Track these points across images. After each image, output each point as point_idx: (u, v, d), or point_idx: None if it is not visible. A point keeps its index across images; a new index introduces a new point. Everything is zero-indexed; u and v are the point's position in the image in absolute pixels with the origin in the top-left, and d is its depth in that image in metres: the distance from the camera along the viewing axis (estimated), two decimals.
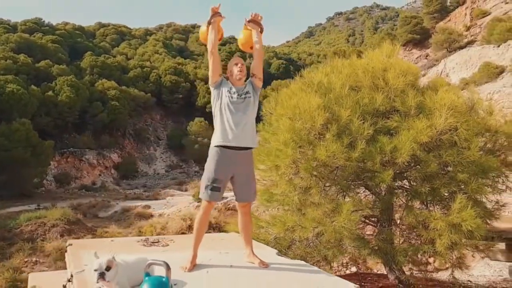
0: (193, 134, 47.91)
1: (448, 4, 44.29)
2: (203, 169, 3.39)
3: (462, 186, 4.28)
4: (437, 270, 5.12)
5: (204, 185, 3.29)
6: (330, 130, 4.25)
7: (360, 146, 4.17)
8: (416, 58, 40.12)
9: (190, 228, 20.43)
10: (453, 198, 4.19)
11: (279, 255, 3.80)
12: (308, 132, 4.38)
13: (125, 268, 2.65)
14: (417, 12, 59.33)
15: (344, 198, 4.64)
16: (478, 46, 33.81)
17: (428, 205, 4.57)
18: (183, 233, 18.78)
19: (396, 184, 4.66)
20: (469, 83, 26.38)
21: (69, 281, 3.35)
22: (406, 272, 4.97)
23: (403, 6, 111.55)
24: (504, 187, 4.72)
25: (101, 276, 2.50)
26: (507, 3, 37.56)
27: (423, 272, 5.15)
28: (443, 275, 6.21)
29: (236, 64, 3.44)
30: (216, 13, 3.42)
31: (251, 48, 3.58)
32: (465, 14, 39.93)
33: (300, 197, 4.51)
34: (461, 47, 35.46)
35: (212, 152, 3.32)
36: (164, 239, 4.36)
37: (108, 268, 2.51)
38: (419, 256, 4.66)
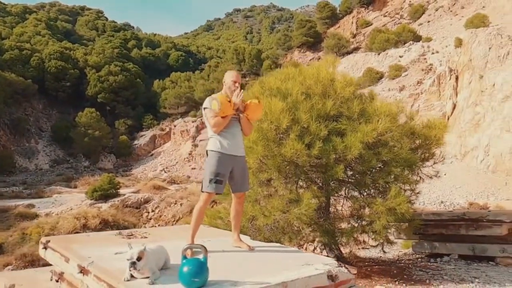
0: (83, 125, 44.43)
1: (338, 11, 48.34)
2: (94, 164, 3.76)
3: (395, 178, 5.24)
4: (372, 247, 6.09)
5: (208, 179, 3.72)
6: (293, 131, 4.86)
7: (318, 145, 4.85)
8: (310, 60, 43.17)
9: (85, 227, 19.34)
10: (388, 188, 5.12)
11: (252, 239, 4.24)
12: (275, 133, 4.90)
13: (152, 255, 2.91)
14: (309, 15, 63.59)
15: (302, 189, 5.29)
16: (363, 53, 37.80)
17: (370, 194, 5.47)
18: (76, 233, 17.74)
19: (345, 176, 5.45)
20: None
21: (60, 275, 3.34)
22: (343, 251, 5.83)
23: (297, 9, 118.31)
24: (418, 178, 5.85)
25: (133, 265, 2.76)
26: (385, 16, 42.61)
27: (358, 250, 6.08)
28: (364, 253, 7.29)
29: (234, 83, 3.88)
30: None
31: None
32: (352, 23, 44.16)
33: (263, 189, 5.01)
34: (349, 52, 39.30)
35: (213, 154, 3.78)
36: (136, 232, 4.46)
37: (139, 258, 2.71)
38: (358, 235, 5.55)
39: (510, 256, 6.62)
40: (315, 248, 6.30)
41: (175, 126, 47.68)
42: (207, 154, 3.88)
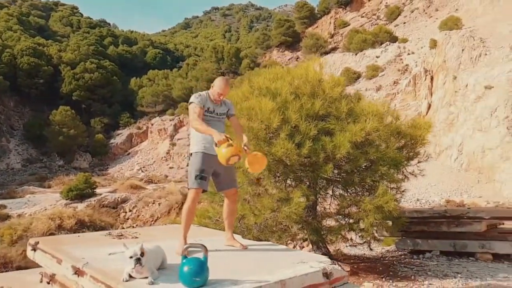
0: (57, 124, 43.30)
1: (316, 11, 48.75)
2: (69, 163, 3.71)
3: (381, 176, 5.35)
4: (358, 244, 6.19)
5: (193, 176, 3.70)
6: (283, 131, 4.89)
7: (308, 144, 4.90)
8: (288, 59, 43.44)
9: (60, 228, 18.91)
10: (376, 186, 5.22)
11: (244, 238, 4.25)
12: (265, 132, 4.92)
13: (150, 254, 2.90)
14: (287, 15, 63.91)
15: (291, 188, 5.33)
16: (340, 53, 38.29)
17: (357, 192, 5.57)
18: (51, 234, 17.30)
19: (333, 175, 5.51)
20: None
21: (51, 276, 3.26)
22: (330, 249, 5.90)
23: (275, 8, 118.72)
24: (403, 176, 5.98)
25: (138, 261, 2.73)
26: (362, 17, 43.28)
27: (343, 248, 6.18)
28: (347, 251, 7.41)
29: (219, 95, 3.78)
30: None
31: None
32: (330, 23, 44.62)
33: (253, 188, 5.02)
34: (327, 52, 39.71)
35: (196, 155, 3.77)
36: (126, 232, 4.39)
37: (142, 254, 2.68)
38: (346, 233, 5.64)
39: (489, 252, 6.86)
40: (303, 246, 6.35)
41: (152, 124, 47.11)
42: (190, 155, 3.84)
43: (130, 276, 2.77)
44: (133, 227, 21.93)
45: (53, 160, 45.28)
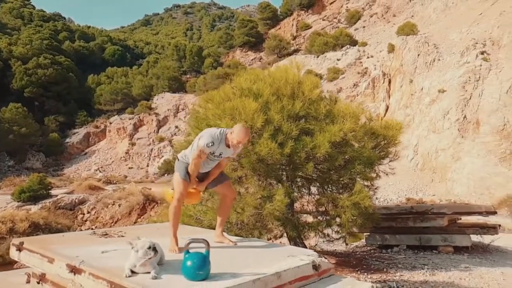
0: (7, 122, 40.99)
1: (279, 13, 49.33)
2: (20, 163, 3.68)
3: (357, 174, 5.60)
4: (335, 239, 6.41)
5: (184, 170, 3.75)
6: (267, 131, 5.02)
7: (290, 144, 5.06)
8: (251, 60, 43.69)
9: (12, 231, 18.07)
10: (351, 184, 5.47)
11: (229, 235, 4.32)
12: (250, 132, 5.00)
13: None
14: (250, 15, 64.22)
15: (271, 186, 5.47)
16: (303, 55, 38.99)
17: (333, 190, 5.79)
18: (2, 238, 16.50)
19: (310, 174, 5.70)
20: None
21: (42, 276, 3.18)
22: (306, 245, 6.09)
23: (237, 8, 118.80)
24: (375, 175, 6.29)
25: (154, 250, 2.83)
26: (324, 20, 44.30)
27: (325, 243, 6.41)
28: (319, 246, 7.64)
29: (239, 142, 3.55)
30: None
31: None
32: (292, 25, 45.33)
33: (235, 186, 5.11)
34: (289, 54, 40.33)
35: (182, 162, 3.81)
36: (111, 231, 4.33)
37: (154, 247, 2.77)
38: (323, 229, 5.85)
39: (450, 245, 7.34)
40: (280, 242, 6.49)
41: (110, 123, 45.82)
42: (177, 160, 3.86)
43: (133, 272, 2.79)
44: (92, 229, 21.24)
45: (3, 160, 42.86)
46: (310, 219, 5.97)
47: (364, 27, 40.62)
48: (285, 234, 6.17)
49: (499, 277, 5.84)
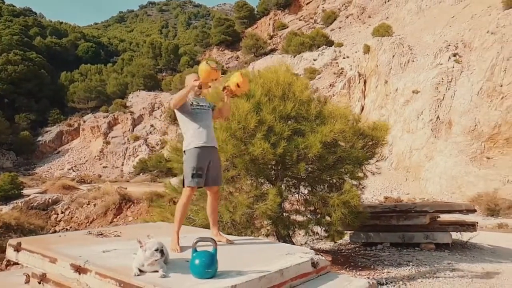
0: None
1: (256, 12, 49.36)
2: None
3: (347, 174, 5.73)
4: (323, 237, 6.51)
5: (190, 174, 3.77)
6: (260, 131, 5.07)
7: (283, 144, 5.13)
8: (228, 58, 43.57)
9: None
10: (340, 183, 5.59)
11: (224, 234, 4.34)
12: (243, 132, 5.05)
13: None
14: (226, 14, 64.03)
15: (263, 186, 5.52)
16: (279, 55, 39.18)
17: (323, 189, 5.90)
18: None
19: (302, 173, 5.78)
20: None
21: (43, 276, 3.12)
22: (295, 244, 6.17)
23: (213, 6, 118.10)
24: (362, 174, 6.43)
25: (161, 252, 2.86)
26: (300, 20, 44.65)
27: (312, 241, 6.50)
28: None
29: (197, 83, 3.78)
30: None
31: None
32: (269, 24, 45.46)
33: (229, 186, 5.13)
34: (266, 53, 40.45)
35: (191, 151, 3.82)
36: (107, 231, 4.27)
37: (162, 248, 2.80)
38: (312, 227, 5.95)
39: (431, 242, 7.59)
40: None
41: (84, 121, 44.78)
42: (184, 153, 3.87)
43: (141, 271, 2.81)
44: (66, 229, 20.72)
45: None
46: (299, 218, 6.05)
47: (340, 27, 41.21)
48: (273, 233, 6.24)
49: (481, 272, 6.09)
